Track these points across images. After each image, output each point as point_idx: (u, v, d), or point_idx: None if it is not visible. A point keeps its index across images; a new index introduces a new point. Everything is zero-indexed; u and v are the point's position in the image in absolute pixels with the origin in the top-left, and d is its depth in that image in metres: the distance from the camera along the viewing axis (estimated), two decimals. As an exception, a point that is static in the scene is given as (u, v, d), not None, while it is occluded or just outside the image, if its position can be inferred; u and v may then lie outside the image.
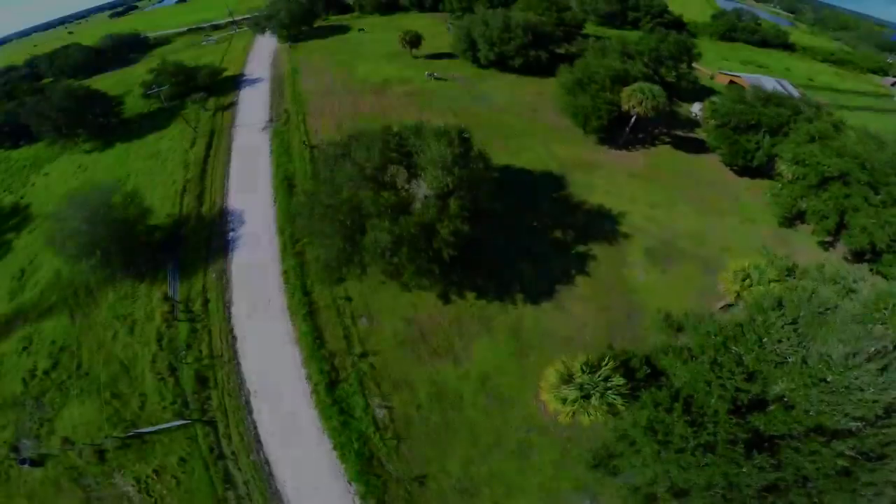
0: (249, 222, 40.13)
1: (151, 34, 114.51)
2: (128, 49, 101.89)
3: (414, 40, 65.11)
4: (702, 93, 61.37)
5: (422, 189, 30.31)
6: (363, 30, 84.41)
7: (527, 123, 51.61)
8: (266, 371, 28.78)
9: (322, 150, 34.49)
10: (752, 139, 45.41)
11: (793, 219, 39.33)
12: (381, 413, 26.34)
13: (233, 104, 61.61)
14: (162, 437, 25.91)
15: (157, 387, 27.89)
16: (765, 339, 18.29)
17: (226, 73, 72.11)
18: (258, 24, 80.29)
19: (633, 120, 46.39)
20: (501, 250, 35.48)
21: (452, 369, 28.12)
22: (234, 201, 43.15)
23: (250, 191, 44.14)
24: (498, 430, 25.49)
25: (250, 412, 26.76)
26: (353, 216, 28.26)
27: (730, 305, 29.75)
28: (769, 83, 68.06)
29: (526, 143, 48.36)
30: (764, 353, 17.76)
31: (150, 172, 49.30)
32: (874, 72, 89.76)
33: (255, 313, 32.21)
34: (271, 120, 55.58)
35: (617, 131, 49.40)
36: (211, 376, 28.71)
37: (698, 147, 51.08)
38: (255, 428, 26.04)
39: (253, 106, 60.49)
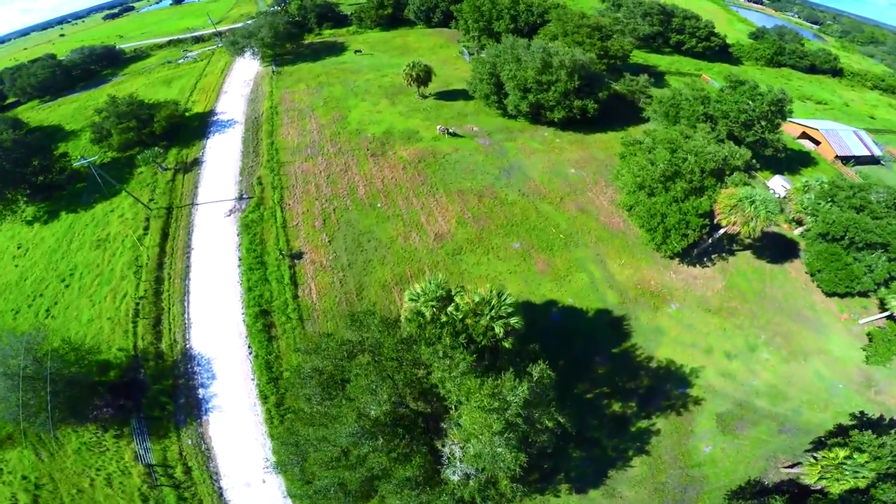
0: (222, 377, 26.73)
1: (131, 45, 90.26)
2: (101, 64, 78.75)
3: (422, 76, 44.78)
4: (780, 160, 42.57)
5: (459, 467, 16.30)
6: (360, 51, 62.21)
7: (574, 219, 33.55)
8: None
9: (301, 373, 19.20)
10: (865, 260, 28.77)
11: None
12: None
13: (197, 162, 42.32)
14: None
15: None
16: None
17: (194, 110, 51.73)
18: (236, 44, 58.13)
19: (722, 232, 28.95)
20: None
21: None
22: (200, 341, 28.26)
23: (218, 327, 28.48)
24: None
25: None
26: (361, 478, 17.08)
27: (797, 464, 24.31)
28: (847, 136, 49.20)
29: (575, 258, 31.13)
30: None
31: (96, 271, 33.14)
32: (926, 102, 69.92)
33: (251, 490, 23.38)
34: (241, 197, 36.90)
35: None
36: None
37: (781, 250, 34.79)
38: None
39: (220, 167, 41.25)
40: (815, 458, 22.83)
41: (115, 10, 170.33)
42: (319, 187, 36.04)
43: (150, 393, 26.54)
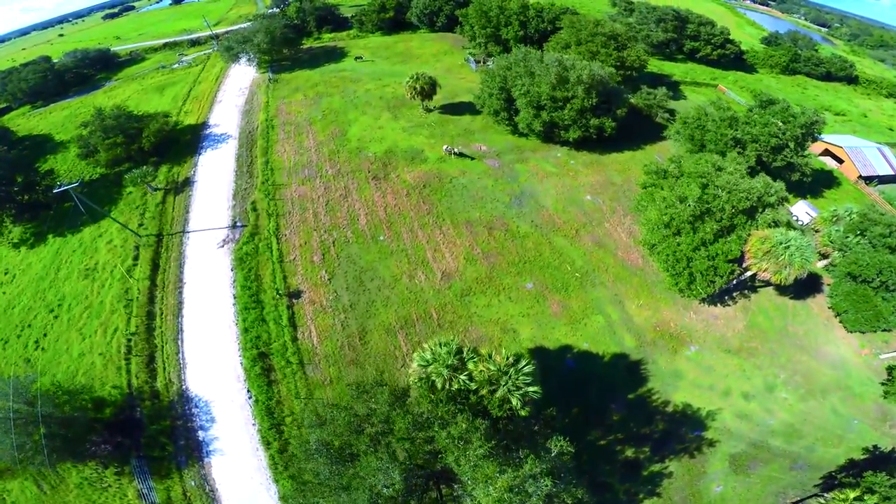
0: (222, 420, 24.38)
1: (127, 47, 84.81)
2: (94, 68, 73.35)
3: (427, 90, 40.33)
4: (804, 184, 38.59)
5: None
6: (361, 57, 57.16)
7: (590, 255, 29.96)
8: None
9: (307, 449, 16.91)
10: (894, 301, 26.34)
11: None
12: None
13: (188, 182, 38.29)
14: None
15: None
16: None
17: (186, 122, 47.35)
18: (230, 50, 53.25)
19: (749, 275, 25.60)
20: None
21: None
22: (196, 382, 25.55)
23: (214, 368, 25.80)
24: None
25: None
26: None
27: (805, 499, 22.86)
28: (872, 153, 45.09)
29: (591, 298, 27.89)
30: None
31: (85, 302, 30.19)
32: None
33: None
34: (234, 225, 33.05)
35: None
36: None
37: (804, 284, 31.02)
38: None
39: (213, 188, 37.22)
40: (824, 498, 21.49)
41: (116, 10, 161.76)
42: (318, 215, 32.20)
43: (148, 432, 24.75)
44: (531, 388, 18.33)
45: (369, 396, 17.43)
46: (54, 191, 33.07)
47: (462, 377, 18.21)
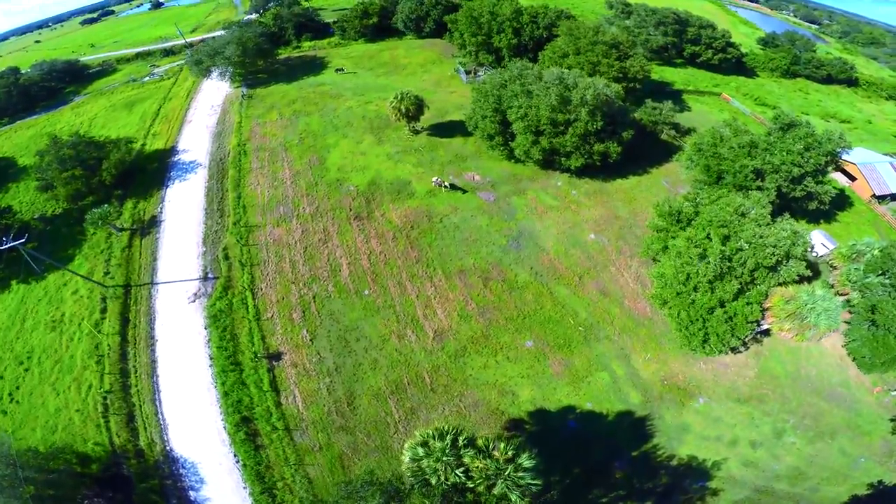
0: (211, 482, 22.04)
1: (100, 56, 76.87)
2: (64, 81, 65.95)
3: (413, 111, 35.09)
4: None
5: None
6: (342, 69, 51.04)
7: (594, 305, 26.08)
8: None
9: None
10: None
11: None
12: None
13: (155, 221, 33.20)
14: None
15: None
16: None
17: (153, 146, 41.68)
18: (200, 64, 46.91)
19: (765, 328, 21.99)
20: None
21: None
22: (180, 443, 22.84)
23: (197, 430, 23.06)
24: None
25: None
26: None
27: None
28: (885, 169, 40.81)
29: (595, 354, 24.46)
30: None
31: (55, 356, 26.68)
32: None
33: None
34: (205, 277, 28.46)
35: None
36: None
37: None
38: None
39: (181, 230, 32.32)
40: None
41: (95, 15, 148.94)
42: (295, 265, 27.73)
43: (139, 490, 22.94)
44: (532, 483, 16.30)
45: (360, 497, 16.31)
46: (2, 247, 27.95)
47: (458, 472, 16.02)
